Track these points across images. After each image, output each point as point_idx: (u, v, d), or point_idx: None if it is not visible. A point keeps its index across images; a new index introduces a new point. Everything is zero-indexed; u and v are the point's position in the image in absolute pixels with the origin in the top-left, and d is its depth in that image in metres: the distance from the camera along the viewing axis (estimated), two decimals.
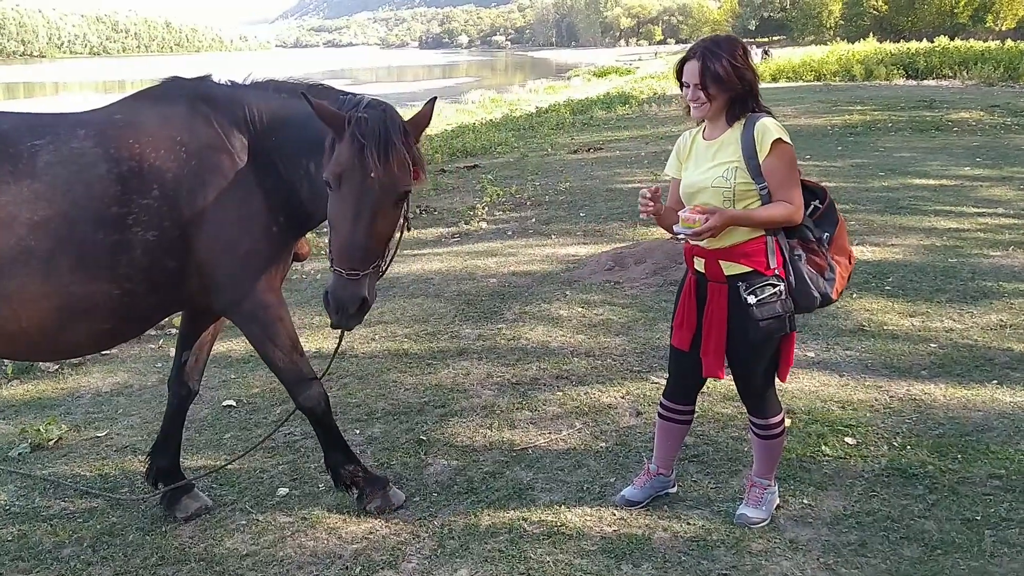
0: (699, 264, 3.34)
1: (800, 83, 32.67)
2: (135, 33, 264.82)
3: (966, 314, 5.83)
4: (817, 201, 3.31)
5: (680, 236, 3.20)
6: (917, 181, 10.77)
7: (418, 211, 10.92)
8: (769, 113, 3.27)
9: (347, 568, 3.31)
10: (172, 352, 6.02)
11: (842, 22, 76.44)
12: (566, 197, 11.31)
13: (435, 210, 11.05)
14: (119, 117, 3.19)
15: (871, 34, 54.90)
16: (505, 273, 7.60)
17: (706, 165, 3.26)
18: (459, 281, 7.43)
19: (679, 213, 3.19)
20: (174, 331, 6.49)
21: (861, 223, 8.55)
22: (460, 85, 61.24)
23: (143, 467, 4.18)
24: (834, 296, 3.29)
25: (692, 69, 3.17)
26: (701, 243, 3.24)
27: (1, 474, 4.29)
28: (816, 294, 3.24)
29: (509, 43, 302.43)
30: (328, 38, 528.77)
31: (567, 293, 6.81)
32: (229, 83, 3.40)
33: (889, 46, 41.07)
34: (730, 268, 3.25)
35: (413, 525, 3.59)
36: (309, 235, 3.94)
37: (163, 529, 3.67)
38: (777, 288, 3.22)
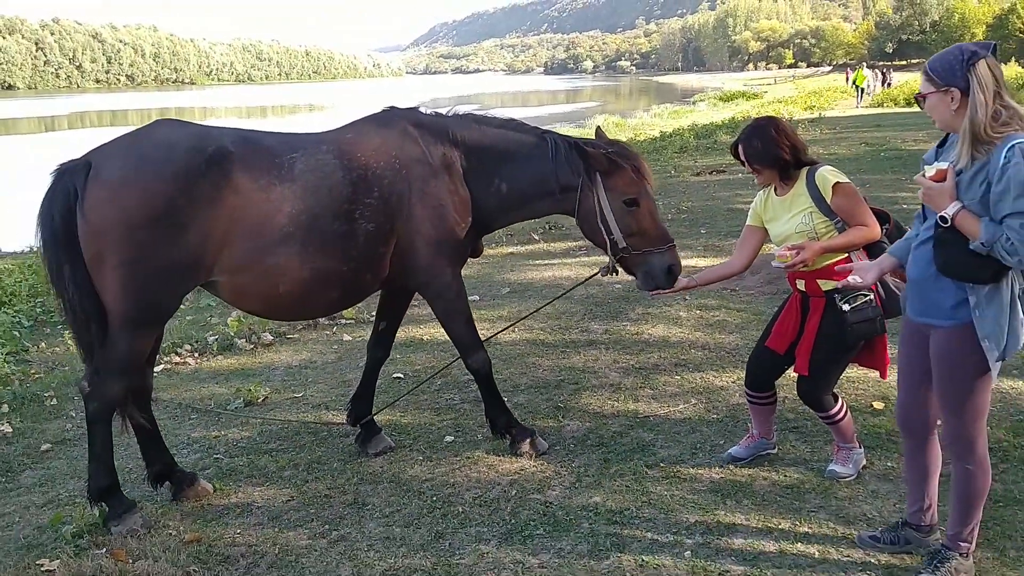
0: (800, 284, 4.07)
1: None
2: (277, 62, 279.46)
3: None
4: (886, 225, 4.00)
5: (779, 268, 3.98)
6: None
7: (548, 227, 11.85)
8: (820, 163, 4.02)
9: (505, 491, 4.19)
10: (345, 337, 7.17)
11: None
12: (688, 216, 12.01)
13: (563, 226, 11.92)
14: (349, 136, 4.21)
15: (1014, 58, 52.75)
16: (629, 280, 8.30)
17: (786, 216, 4.03)
18: (586, 286, 8.20)
19: (775, 251, 3.95)
20: (344, 321, 7.62)
21: None
22: (584, 110, 62.19)
23: (335, 417, 5.23)
24: None
25: (740, 151, 4.02)
26: (791, 269, 3.98)
27: (223, 422, 5.39)
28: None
29: (634, 68, 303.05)
30: (456, 64, 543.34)
31: (686, 298, 7.54)
32: (434, 113, 4.41)
33: None
34: (827, 285, 3.95)
35: (555, 466, 4.44)
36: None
37: (358, 461, 4.66)
38: (868, 297, 3.90)
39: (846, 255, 3.90)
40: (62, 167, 3.74)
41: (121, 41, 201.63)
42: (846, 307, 3.86)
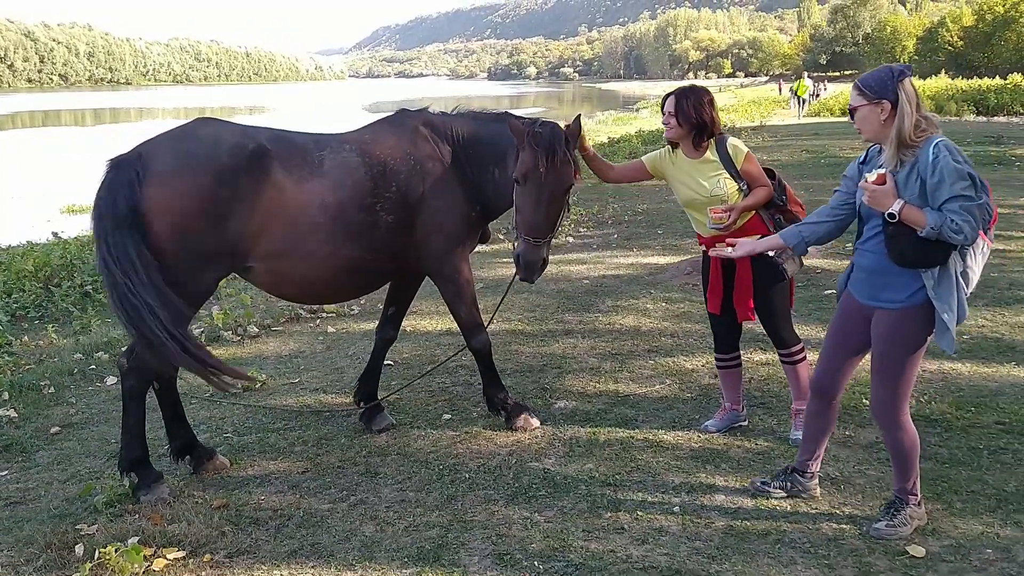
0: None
1: None
2: (216, 62, 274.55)
3: (998, 315, 6.85)
4: (773, 180, 4.61)
5: (716, 230, 4.46)
6: None
7: (510, 227, 12.25)
8: (726, 135, 4.60)
9: (505, 460, 4.58)
10: (329, 329, 7.48)
11: (916, 57, 76.19)
12: (644, 217, 12.56)
13: None
14: (367, 136, 4.56)
15: (944, 70, 54.98)
16: (595, 276, 8.85)
17: (699, 179, 4.57)
18: (556, 281, 8.70)
19: (710, 214, 4.44)
20: (325, 314, 7.92)
21: None
22: (529, 116, 62.75)
23: (334, 401, 5.54)
24: None
25: (671, 102, 4.52)
26: (726, 229, 4.47)
27: (225, 405, 5.66)
28: None
29: (577, 75, 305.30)
30: (399, 68, 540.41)
31: (652, 292, 8.03)
32: (441, 113, 4.77)
33: (961, 82, 41.40)
34: None
35: (548, 438, 4.85)
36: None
37: (364, 437, 5.00)
38: None
39: (754, 213, 4.52)
40: (118, 159, 4.00)
41: (55, 40, 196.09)
42: (771, 254, 4.35)
